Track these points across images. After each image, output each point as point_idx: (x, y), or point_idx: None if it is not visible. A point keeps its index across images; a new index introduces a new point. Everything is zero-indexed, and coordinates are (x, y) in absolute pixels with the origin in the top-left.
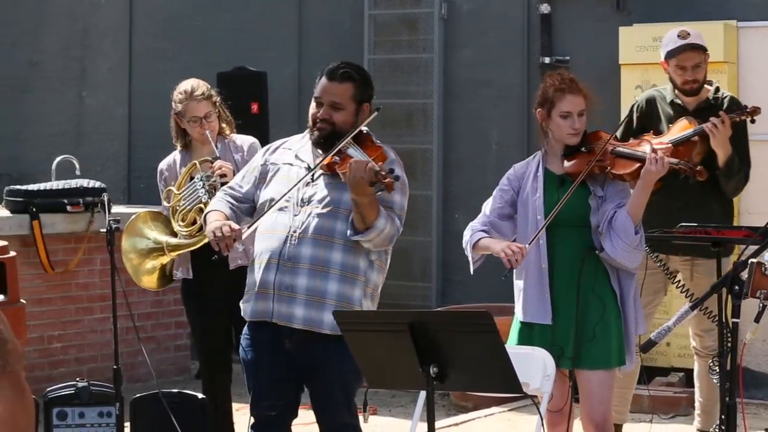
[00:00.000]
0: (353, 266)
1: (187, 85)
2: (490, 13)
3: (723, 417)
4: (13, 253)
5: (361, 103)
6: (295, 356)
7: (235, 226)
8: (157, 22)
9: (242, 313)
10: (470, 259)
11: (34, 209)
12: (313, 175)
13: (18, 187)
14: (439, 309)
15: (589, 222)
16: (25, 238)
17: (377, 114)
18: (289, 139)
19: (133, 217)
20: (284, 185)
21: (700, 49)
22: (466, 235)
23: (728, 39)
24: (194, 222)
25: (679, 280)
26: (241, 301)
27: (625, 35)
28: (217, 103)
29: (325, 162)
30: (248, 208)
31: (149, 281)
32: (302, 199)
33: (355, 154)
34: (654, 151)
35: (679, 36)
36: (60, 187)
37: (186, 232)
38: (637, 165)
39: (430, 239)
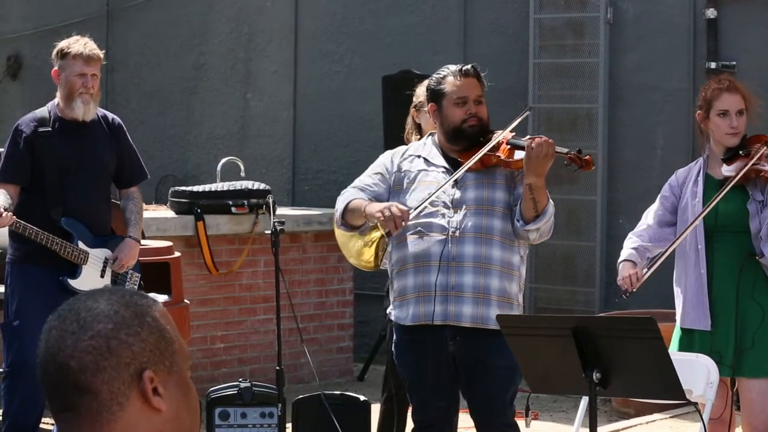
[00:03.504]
0: (510, 262)
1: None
2: (655, 17)
3: None
4: (177, 254)
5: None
6: (458, 357)
7: (403, 207)
8: (322, 24)
9: (394, 319)
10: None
11: (198, 210)
12: (458, 177)
13: (183, 188)
14: (602, 314)
15: (747, 228)
16: (189, 239)
17: (527, 114)
18: (410, 146)
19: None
20: (426, 190)
21: None
22: (623, 248)
23: None
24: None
25: None
26: (389, 308)
27: None
28: None
29: (480, 156)
30: None
31: (369, 253)
32: (453, 201)
33: (516, 142)
34: None
35: None
36: (225, 188)
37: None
38: None
39: (594, 244)
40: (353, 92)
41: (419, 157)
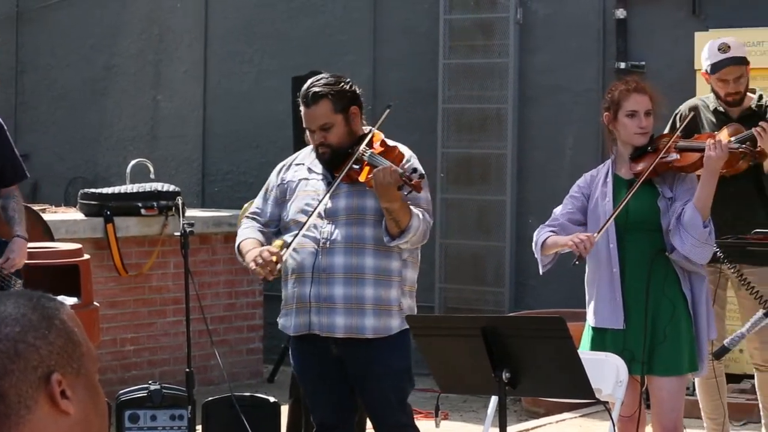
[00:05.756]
0: (387, 269)
1: None
2: (565, 17)
3: None
4: (87, 256)
5: (347, 110)
6: (343, 361)
7: (274, 250)
8: (233, 25)
9: (281, 328)
10: (539, 260)
11: (108, 212)
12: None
13: (92, 190)
14: (512, 314)
15: (659, 225)
16: (99, 241)
17: (389, 111)
18: (298, 155)
19: (247, 204)
20: (304, 200)
21: (742, 62)
22: (535, 236)
23: None
24: None
25: (753, 286)
26: (278, 317)
27: (701, 41)
28: None
29: (343, 176)
30: (274, 231)
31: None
32: (326, 211)
33: (373, 160)
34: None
35: (720, 49)
36: (134, 190)
37: None
38: (699, 155)
39: (504, 244)
40: (263, 93)
41: (303, 165)
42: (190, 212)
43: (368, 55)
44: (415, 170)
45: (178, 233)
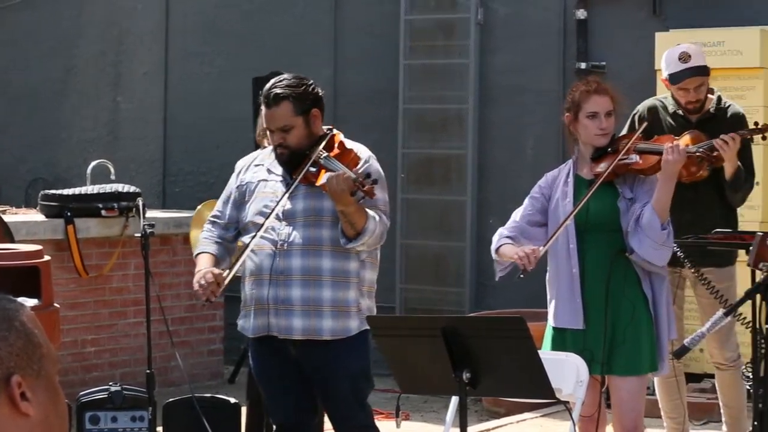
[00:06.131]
0: (345, 270)
1: None
2: (526, 18)
3: (756, 424)
4: (47, 258)
5: (308, 112)
6: (301, 362)
7: (217, 271)
8: (193, 26)
9: (240, 330)
10: (495, 267)
11: (68, 213)
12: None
13: (53, 191)
14: (472, 314)
15: (619, 226)
16: (59, 243)
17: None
18: (258, 154)
19: (200, 206)
20: (262, 202)
21: (703, 72)
22: (493, 241)
23: (765, 44)
24: None
25: (714, 285)
26: (238, 318)
27: (662, 41)
28: None
29: (300, 178)
30: (234, 235)
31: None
32: (284, 213)
33: (329, 164)
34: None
35: (680, 59)
36: (95, 191)
37: None
38: (658, 158)
39: (464, 245)
40: (224, 94)
41: (262, 165)
42: (151, 213)
43: (329, 56)
44: (368, 175)
45: (139, 234)
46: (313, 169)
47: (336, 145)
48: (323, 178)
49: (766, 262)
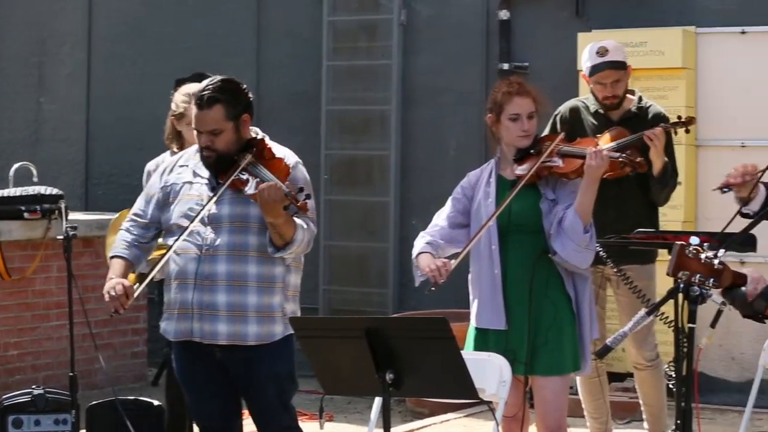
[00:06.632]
0: (270, 275)
1: (193, 87)
2: (449, 19)
3: (678, 422)
4: None
5: (238, 118)
6: (226, 367)
7: (127, 283)
8: (117, 27)
9: (162, 332)
10: (414, 272)
11: None
12: (218, 192)
13: None
14: (395, 315)
15: (542, 227)
16: None
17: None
18: (183, 154)
19: (119, 213)
20: (187, 205)
21: (619, 66)
22: (415, 245)
23: (687, 45)
24: None
25: (636, 285)
26: (161, 320)
27: (584, 41)
28: None
29: (228, 184)
30: (155, 234)
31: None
32: (210, 217)
33: (258, 172)
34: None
35: (597, 53)
36: (17, 194)
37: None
38: (581, 162)
39: (387, 245)
40: (147, 95)
41: (187, 166)
42: (74, 215)
43: (252, 58)
44: (301, 189)
45: (61, 237)
46: (242, 177)
47: (264, 151)
48: (253, 187)
49: (685, 271)
